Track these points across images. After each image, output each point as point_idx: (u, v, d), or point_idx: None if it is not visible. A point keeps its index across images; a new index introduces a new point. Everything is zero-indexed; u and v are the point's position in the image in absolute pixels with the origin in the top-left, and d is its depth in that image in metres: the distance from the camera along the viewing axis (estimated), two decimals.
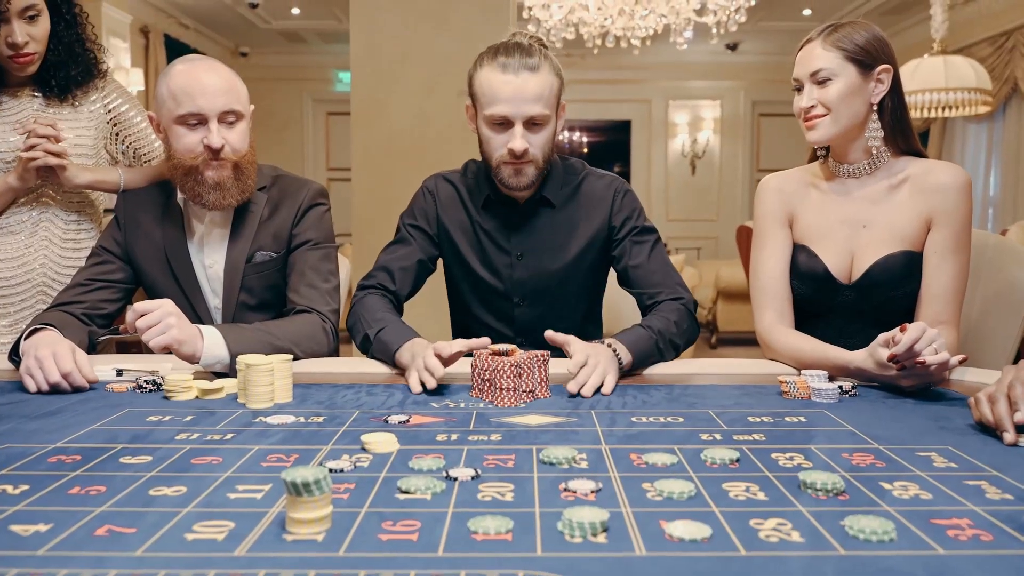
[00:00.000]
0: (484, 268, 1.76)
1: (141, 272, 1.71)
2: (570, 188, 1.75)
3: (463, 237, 1.76)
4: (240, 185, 1.65)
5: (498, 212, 1.73)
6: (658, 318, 1.59)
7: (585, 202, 1.74)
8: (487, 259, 1.75)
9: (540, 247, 1.73)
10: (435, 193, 1.78)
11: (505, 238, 1.74)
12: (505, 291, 1.76)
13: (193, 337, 1.39)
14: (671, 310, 1.63)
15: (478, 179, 1.76)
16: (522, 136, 1.58)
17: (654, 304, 1.67)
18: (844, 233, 1.59)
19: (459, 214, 1.76)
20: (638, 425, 1.14)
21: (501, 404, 1.24)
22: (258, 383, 1.23)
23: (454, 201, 1.77)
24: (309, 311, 1.63)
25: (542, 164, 1.64)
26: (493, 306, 1.79)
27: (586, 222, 1.73)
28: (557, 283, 1.74)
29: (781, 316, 1.61)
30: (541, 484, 0.88)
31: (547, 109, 1.59)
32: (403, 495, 0.85)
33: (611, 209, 1.73)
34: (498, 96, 1.56)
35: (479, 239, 1.75)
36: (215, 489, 0.87)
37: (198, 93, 1.56)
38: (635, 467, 0.94)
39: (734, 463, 0.96)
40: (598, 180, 1.76)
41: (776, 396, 1.32)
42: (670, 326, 1.58)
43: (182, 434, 1.08)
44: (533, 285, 1.74)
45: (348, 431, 1.10)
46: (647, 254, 1.72)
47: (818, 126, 1.53)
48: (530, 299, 1.76)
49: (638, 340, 1.50)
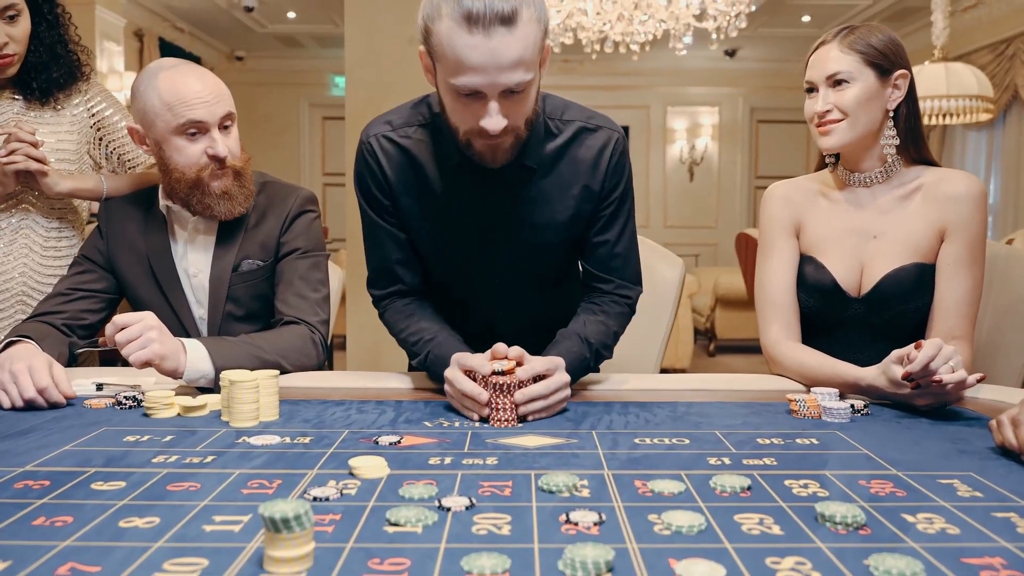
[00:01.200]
0: (454, 244, 1.48)
1: (124, 282, 1.65)
2: (555, 147, 1.42)
3: (427, 223, 1.46)
4: (244, 192, 1.60)
5: (467, 180, 1.41)
6: (598, 324, 1.45)
7: (574, 163, 1.44)
8: (457, 234, 1.46)
9: (519, 219, 1.44)
10: (378, 157, 1.43)
11: (476, 206, 1.43)
12: (482, 270, 1.51)
13: (175, 351, 1.33)
14: (615, 314, 1.49)
15: (440, 137, 1.40)
16: (498, 112, 1.25)
17: (599, 293, 1.51)
18: (853, 244, 1.53)
19: (416, 180, 1.43)
20: (641, 447, 1.08)
21: (498, 425, 1.19)
22: (242, 400, 1.17)
23: (405, 167, 1.43)
24: (298, 322, 1.57)
25: (523, 132, 1.33)
26: (469, 288, 1.55)
27: (575, 187, 1.44)
28: (542, 258, 1.51)
29: (787, 330, 1.55)
30: (540, 515, 0.82)
31: (529, 72, 1.23)
32: (392, 528, 0.79)
33: (605, 172, 1.44)
34: (464, 63, 1.20)
35: (445, 209, 1.44)
36: (190, 520, 0.81)
37: (197, 102, 1.51)
38: (640, 495, 0.89)
39: (745, 491, 0.90)
40: (590, 136, 1.44)
41: (785, 415, 1.27)
42: (608, 337, 1.46)
43: (160, 456, 1.02)
44: (514, 261, 1.50)
45: (336, 453, 1.04)
46: (618, 231, 1.49)
47: (833, 132, 1.47)
48: (510, 277, 1.52)
49: (574, 361, 1.36)
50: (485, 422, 1.20)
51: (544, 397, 1.22)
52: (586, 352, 1.41)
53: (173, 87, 1.51)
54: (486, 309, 1.57)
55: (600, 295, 1.52)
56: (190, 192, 1.56)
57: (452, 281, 1.55)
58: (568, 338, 1.41)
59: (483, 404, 1.19)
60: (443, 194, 1.43)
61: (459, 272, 1.53)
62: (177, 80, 1.51)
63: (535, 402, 1.21)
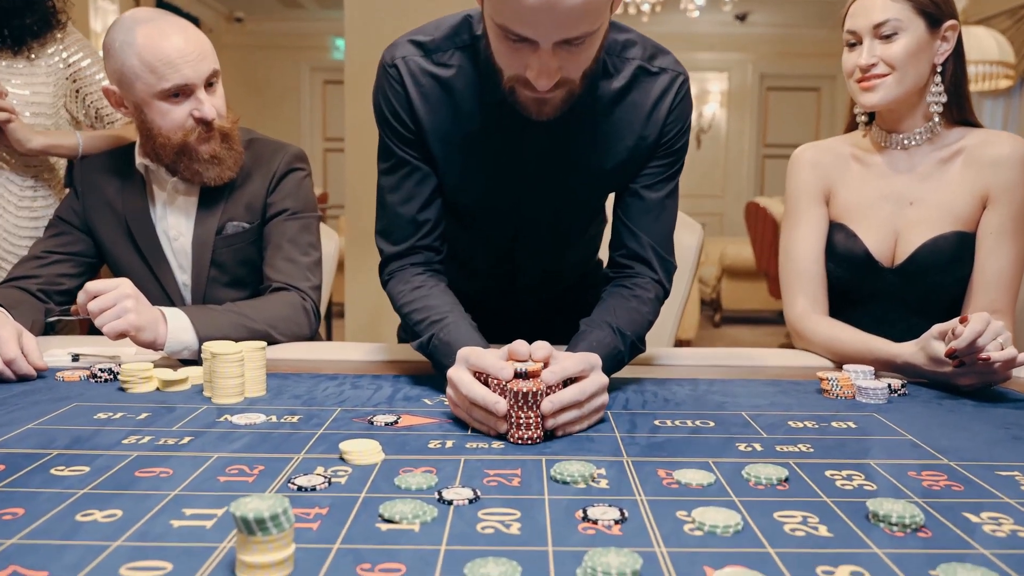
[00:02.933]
0: (482, 189, 1.28)
1: (102, 246, 1.55)
2: (611, 90, 1.20)
3: (456, 153, 1.24)
4: (233, 155, 1.49)
5: (507, 119, 1.18)
6: (631, 312, 1.20)
7: (630, 110, 1.22)
8: (488, 178, 1.26)
9: (560, 167, 1.25)
10: (405, 83, 1.20)
11: (514, 149, 1.23)
12: (510, 218, 1.32)
13: (154, 321, 1.23)
14: (649, 300, 1.24)
15: (481, 66, 1.18)
16: (550, 64, 1.02)
17: (631, 273, 1.27)
18: (888, 211, 1.42)
19: (446, 114, 1.22)
20: (663, 431, 0.98)
21: (519, 442, 0.92)
22: (225, 375, 1.07)
23: (435, 99, 1.21)
24: (287, 288, 1.47)
25: (578, 87, 1.10)
26: (492, 235, 1.37)
27: (628, 137, 1.23)
28: (578, 209, 1.33)
29: (815, 303, 1.45)
30: (553, 510, 0.73)
31: (596, 21, 1.00)
32: (386, 525, 0.69)
33: (663, 123, 1.22)
34: (515, 7, 0.97)
35: (478, 149, 1.24)
36: (157, 514, 0.71)
37: (181, 61, 1.38)
38: (665, 487, 0.79)
39: (783, 483, 0.80)
40: (650, 81, 1.21)
41: (815, 395, 1.17)
42: (642, 327, 1.21)
43: (131, 437, 0.93)
44: (547, 211, 1.31)
45: (326, 434, 0.95)
46: (665, 194, 1.27)
47: (878, 88, 1.35)
48: (540, 226, 1.34)
49: (607, 357, 1.10)
50: (501, 438, 0.94)
51: (578, 405, 0.95)
52: (620, 344, 1.15)
53: (154, 45, 1.38)
54: (508, 259, 1.40)
55: (631, 275, 1.27)
56: (177, 158, 1.45)
57: (474, 228, 1.36)
58: (598, 327, 1.15)
59: (500, 417, 0.92)
60: (477, 132, 1.21)
61: (484, 219, 1.34)
62: (157, 37, 1.39)
63: (567, 412, 0.94)
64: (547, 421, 0.93)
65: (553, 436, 0.95)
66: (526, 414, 0.91)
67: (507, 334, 1.54)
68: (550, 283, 1.50)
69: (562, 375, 0.95)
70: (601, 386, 0.98)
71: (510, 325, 1.52)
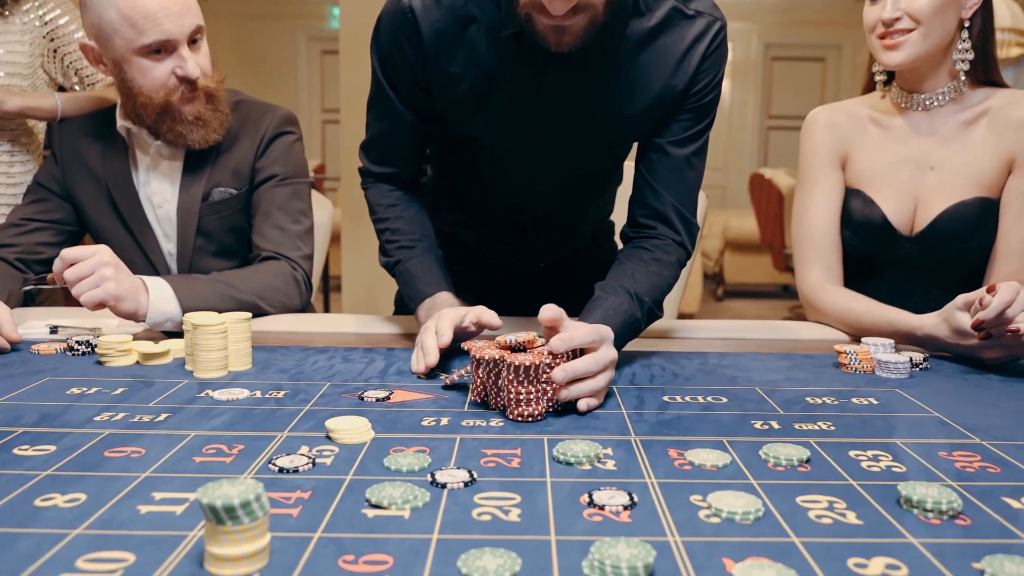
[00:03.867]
0: (494, 131, 1.19)
1: (84, 213, 1.48)
2: (641, 30, 1.11)
3: (470, 92, 1.15)
4: (219, 116, 1.41)
5: (524, 55, 1.10)
6: (650, 276, 1.13)
7: (660, 54, 1.13)
8: (500, 120, 1.17)
9: (580, 111, 1.16)
10: (418, 23, 1.12)
11: (532, 90, 1.14)
12: (521, 164, 1.23)
13: (134, 291, 1.17)
14: (670, 264, 1.17)
15: None
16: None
17: (651, 235, 1.19)
18: (907, 176, 1.35)
19: (461, 53, 1.13)
20: (673, 407, 0.92)
21: (519, 419, 0.86)
22: (207, 347, 1.01)
23: (448, 35, 1.13)
24: (277, 257, 1.40)
25: (602, 13, 1.01)
26: (501, 181, 1.29)
27: (655, 83, 1.14)
28: (596, 157, 1.25)
29: (829, 272, 1.38)
30: (556, 494, 0.67)
31: None
32: (373, 511, 0.63)
33: (695, 71, 1.13)
34: None
35: (491, 88, 1.14)
36: (124, 498, 0.65)
37: (162, 15, 1.30)
38: (677, 469, 0.73)
39: (804, 465, 0.74)
40: (685, 24, 1.13)
41: (832, 368, 1.11)
42: (661, 291, 1.14)
43: (104, 413, 0.87)
44: (563, 158, 1.22)
45: (313, 411, 0.88)
46: (695, 150, 1.19)
47: (903, 44, 1.26)
48: (553, 174, 1.25)
49: (623, 324, 1.04)
50: (500, 415, 0.87)
51: (591, 376, 0.89)
52: (637, 311, 1.07)
53: None
54: (517, 207, 1.33)
55: (652, 236, 1.19)
56: (159, 119, 1.38)
57: (483, 172, 1.29)
58: (614, 292, 1.08)
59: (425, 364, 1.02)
60: (494, 68, 1.12)
61: (494, 163, 1.26)
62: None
63: (581, 383, 0.88)
64: (562, 392, 0.87)
65: (556, 413, 0.89)
66: (527, 388, 0.84)
67: (512, 300, 1.48)
68: (559, 241, 1.43)
69: (570, 344, 0.87)
70: (611, 361, 0.92)
71: (515, 291, 1.46)
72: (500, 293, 1.48)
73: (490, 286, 1.46)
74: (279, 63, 8.93)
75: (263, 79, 8.69)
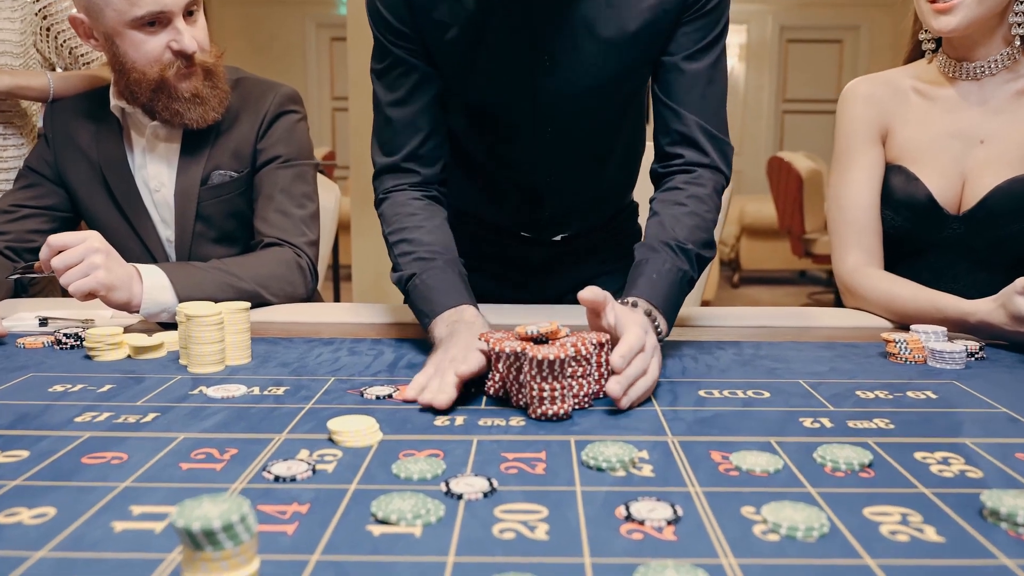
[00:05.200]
0: (493, 84, 1.12)
1: (77, 198, 1.40)
2: None
3: (460, 39, 1.08)
4: (218, 94, 1.33)
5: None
6: (688, 218, 1.04)
7: None
8: (499, 68, 1.10)
9: (580, 49, 1.08)
10: None
11: (527, 35, 1.07)
12: (526, 118, 1.15)
13: (127, 280, 1.09)
14: (707, 196, 1.08)
15: None
16: None
17: (682, 167, 1.11)
18: (955, 150, 1.25)
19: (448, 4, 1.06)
20: (710, 402, 0.83)
21: (540, 416, 0.77)
22: (202, 340, 0.93)
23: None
24: (280, 244, 1.32)
25: None
26: (509, 138, 1.20)
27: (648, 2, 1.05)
28: (602, 90, 1.13)
29: (869, 255, 1.29)
30: (588, 507, 0.58)
31: None
32: (380, 528, 0.55)
33: None
34: None
35: (484, 39, 1.07)
36: (97, 513, 0.57)
37: None
38: (723, 475, 0.64)
39: (867, 470, 0.66)
40: None
41: (879, 359, 1.02)
42: (706, 230, 1.06)
43: (87, 414, 0.79)
44: (570, 105, 1.13)
45: (315, 409, 0.81)
46: (708, 65, 1.09)
47: (956, 9, 1.16)
48: (562, 119, 1.16)
49: (672, 285, 0.98)
50: (521, 413, 0.79)
51: (643, 374, 0.82)
52: (683, 263, 1.00)
53: None
54: (529, 171, 1.23)
55: (681, 169, 1.11)
56: (154, 96, 1.30)
57: (491, 136, 1.21)
58: (653, 252, 1.00)
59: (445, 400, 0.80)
60: (475, 11, 1.06)
61: (498, 117, 1.17)
62: None
63: (637, 385, 0.81)
64: (622, 402, 0.79)
65: (582, 408, 0.80)
66: (551, 385, 0.76)
67: (529, 283, 1.39)
68: (576, 212, 1.32)
69: (630, 355, 0.80)
70: (655, 348, 0.87)
71: (532, 272, 1.38)
72: (517, 277, 1.40)
73: (506, 266, 1.38)
74: (287, 50, 8.85)
75: (271, 66, 8.61)
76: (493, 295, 1.30)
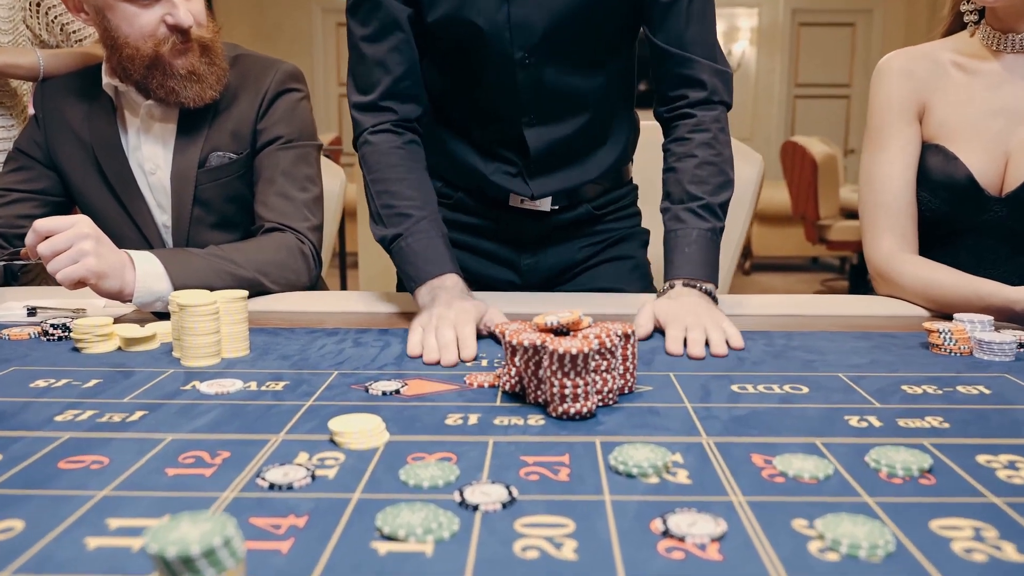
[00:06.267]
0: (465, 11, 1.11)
1: (69, 182, 1.34)
2: None
3: None
4: (216, 71, 1.27)
5: None
6: (700, 168, 1.12)
7: None
8: None
9: None
10: None
11: None
12: (502, 45, 1.14)
13: (118, 267, 1.03)
14: (711, 141, 1.14)
15: None
16: None
17: (683, 111, 1.17)
18: (997, 128, 1.18)
19: None
20: (745, 398, 0.77)
21: (562, 415, 0.70)
22: (196, 331, 0.87)
23: None
24: (282, 229, 1.26)
25: None
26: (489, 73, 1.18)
27: None
28: (578, 23, 1.13)
29: (904, 240, 1.22)
30: (620, 519, 0.52)
31: None
32: (386, 544, 0.49)
33: None
34: None
35: None
36: (71, 527, 0.51)
37: None
38: (767, 481, 0.58)
39: (926, 475, 0.59)
40: None
41: (922, 350, 0.95)
42: (719, 174, 1.13)
43: (68, 412, 0.73)
44: (541, 30, 1.12)
45: (316, 407, 0.74)
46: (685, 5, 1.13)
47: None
48: (539, 54, 1.15)
49: (704, 254, 1.08)
50: (539, 410, 0.72)
51: None
52: (708, 222, 1.10)
53: None
54: (511, 113, 1.21)
55: (683, 115, 1.17)
56: (148, 73, 1.23)
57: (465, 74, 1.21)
58: (679, 222, 1.10)
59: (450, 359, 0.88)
60: None
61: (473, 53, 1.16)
62: None
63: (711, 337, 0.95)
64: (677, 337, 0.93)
65: (607, 404, 0.74)
66: (573, 382, 0.69)
67: (522, 262, 1.33)
68: (563, 166, 1.27)
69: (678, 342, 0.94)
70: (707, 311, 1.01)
71: (524, 248, 1.32)
72: (508, 251, 1.34)
73: (499, 242, 1.33)
74: (294, 36, 8.78)
75: (276, 52, 8.49)
76: (485, 277, 1.33)
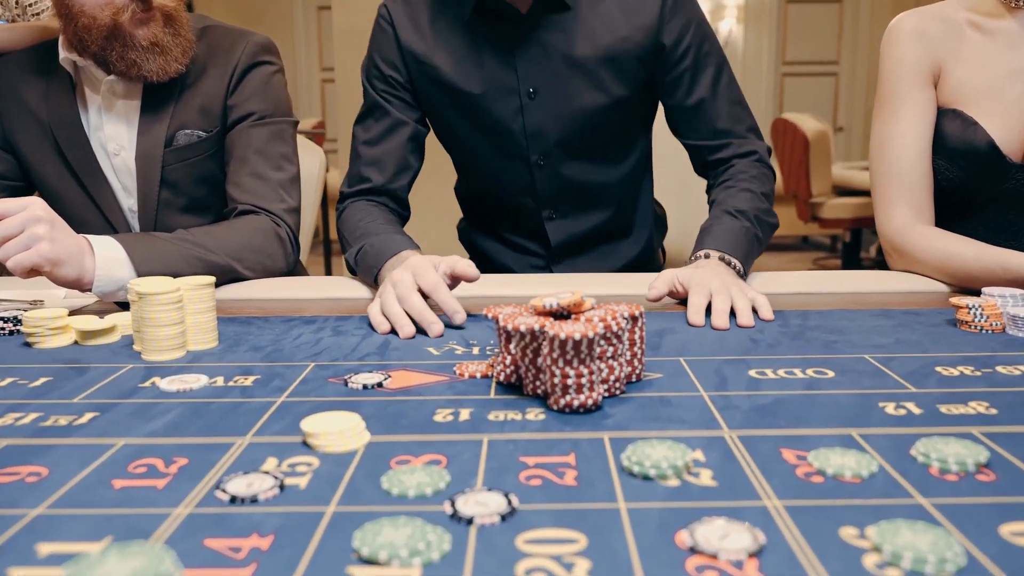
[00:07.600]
0: (483, 118, 1.22)
1: (27, 165, 1.25)
2: None
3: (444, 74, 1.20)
4: (181, 43, 1.18)
5: (491, 29, 1.17)
6: (741, 194, 1.16)
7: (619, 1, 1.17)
8: (484, 104, 1.21)
9: (559, 77, 1.18)
10: (393, 22, 1.21)
11: (507, 67, 1.18)
12: (519, 149, 1.24)
13: (76, 253, 0.94)
14: (751, 177, 1.20)
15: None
16: None
17: (720, 164, 1.24)
18: (1019, 91, 1.11)
19: (431, 39, 1.20)
20: (766, 385, 0.69)
21: (565, 408, 0.62)
22: (157, 322, 0.79)
23: (420, 24, 1.20)
24: (256, 211, 1.17)
25: None
26: (507, 173, 1.27)
27: (621, 32, 1.17)
28: (590, 129, 1.22)
29: (920, 211, 1.15)
30: (639, 531, 0.45)
31: None
32: (364, 570, 0.41)
33: (660, 18, 1.16)
34: None
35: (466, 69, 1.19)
36: None
37: None
38: (803, 481, 0.51)
39: (984, 470, 0.52)
40: None
41: (949, 327, 0.88)
42: (760, 202, 1.16)
43: (9, 415, 0.65)
44: (556, 136, 1.22)
45: (288, 403, 0.66)
46: (711, 80, 1.21)
47: None
48: (555, 156, 1.24)
49: (737, 240, 1.08)
50: (540, 404, 0.64)
51: None
52: (744, 223, 1.11)
53: None
54: (529, 206, 1.29)
55: (721, 170, 1.24)
56: (106, 44, 1.14)
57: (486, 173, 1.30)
58: (716, 218, 1.12)
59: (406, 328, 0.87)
60: (463, 51, 1.19)
61: (490, 154, 1.26)
62: None
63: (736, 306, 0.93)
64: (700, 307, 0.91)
65: (614, 395, 0.66)
66: (576, 370, 0.61)
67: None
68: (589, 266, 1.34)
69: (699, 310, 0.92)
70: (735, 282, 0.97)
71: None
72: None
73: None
74: (276, 20, 8.62)
75: None
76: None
